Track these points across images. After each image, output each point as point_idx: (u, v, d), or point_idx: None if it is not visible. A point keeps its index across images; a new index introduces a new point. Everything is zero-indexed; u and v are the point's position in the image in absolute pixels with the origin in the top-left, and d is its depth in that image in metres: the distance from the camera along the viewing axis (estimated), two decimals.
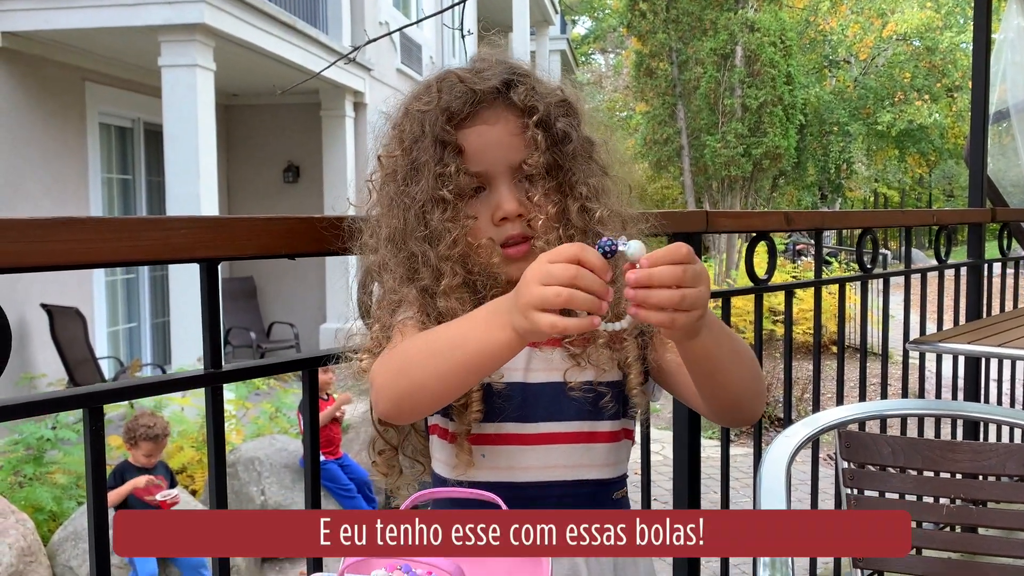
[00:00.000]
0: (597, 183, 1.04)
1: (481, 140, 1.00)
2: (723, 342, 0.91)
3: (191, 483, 5.71)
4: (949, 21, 21.08)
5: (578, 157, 1.03)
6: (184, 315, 6.87)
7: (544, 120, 1.01)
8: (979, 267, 3.14)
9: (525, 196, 1.01)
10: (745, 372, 0.95)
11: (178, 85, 6.68)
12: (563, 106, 1.04)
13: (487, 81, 1.01)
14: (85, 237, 0.83)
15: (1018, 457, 1.67)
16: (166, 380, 1.01)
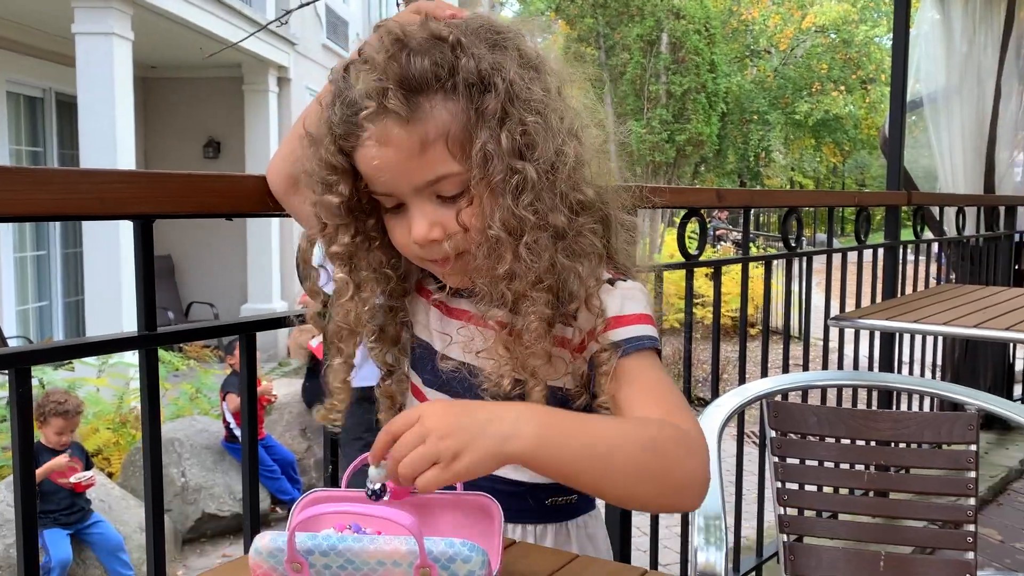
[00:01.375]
0: (543, 166, 0.85)
1: (373, 165, 0.84)
2: (563, 451, 0.76)
3: (107, 465, 5.54)
4: (864, 15, 21.77)
5: (508, 150, 0.83)
6: (99, 293, 6.63)
7: (448, 132, 0.83)
8: (896, 248, 3.27)
9: (444, 213, 0.86)
10: (617, 479, 0.77)
11: (93, 54, 6.41)
12: (484, 87, 0.84)
13: (370, 94, 0.82)
14: (12, 187, 0.79)
15: (934, 425, 1.74)
16: (99, 341, 0.97)
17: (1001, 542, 3.12)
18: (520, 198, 0.84)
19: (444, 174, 0.84)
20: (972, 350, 4.01)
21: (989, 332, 2.29)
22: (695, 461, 0.80)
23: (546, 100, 0.87)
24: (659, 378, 0.88)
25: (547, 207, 0.85)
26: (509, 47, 0.87)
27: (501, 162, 0.83)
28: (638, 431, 0.80)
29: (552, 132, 0.86)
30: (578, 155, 0.88)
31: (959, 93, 4.19)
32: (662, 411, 0.83)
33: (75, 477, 4.10)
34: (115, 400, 6.14)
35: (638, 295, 0.92)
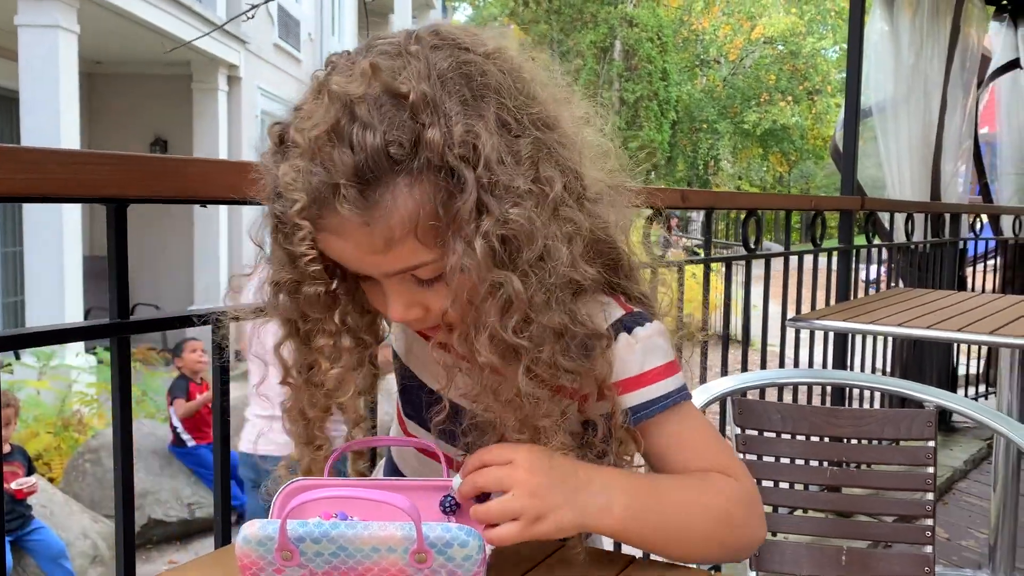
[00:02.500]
0: (533, 260, 0.71)
1: (338, 252, 0.72)
2: (644, 523, 0.75)
3: (48, 471, 5.38)
4: (812, 28, 22.28)
5: (485, 258, 0.69)
6: (41, 293, 6.45)
7: (416, 224, 0.69)
8: (849, 252, 3.34)
9: (423, 294, 0.74)
10: (693, 545, 0.79)
11: (37, 47, 6.23)
12: (454, 171, 0.68)
13: (317, 197, 0.68)
14: None
15: (894, 422, 1.78)
16: (69, 328, 0.94)
17: (948, 540, 3.20)
18: (507, 318, 0.71)
19: (417, 264, 0.71)
20: (919, 353, 4.12)
21: (942, 333, 2.35)
22: (756, 518, 0.81)
23: (535, 163, 0.73)
24: (699, 430, 0.83)
25: (541, 310, 0.72)
26: (488, 94, 0.71)
27: (479, 275, 0.69)
28: (710, 500, 0.79)
29: (544, 211, 0.72)
30: (580, 226, 0.75)
31: (907, 103, 4.30)
32: (715, 466, 0.81)
33: (16, 483, 3.96)
34: (57, 403, 5.97)
35: (658, 341, 0.82)
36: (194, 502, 5.10)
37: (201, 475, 5.27)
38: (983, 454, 4.05)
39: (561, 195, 0.74)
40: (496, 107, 0.71)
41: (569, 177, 0.76)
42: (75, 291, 6.61)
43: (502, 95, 0.71)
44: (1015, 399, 2.58)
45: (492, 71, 0.72)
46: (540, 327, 0.72)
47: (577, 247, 0.75)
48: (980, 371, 5.07)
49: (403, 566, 0.67)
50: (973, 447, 4.11)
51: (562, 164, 0.75)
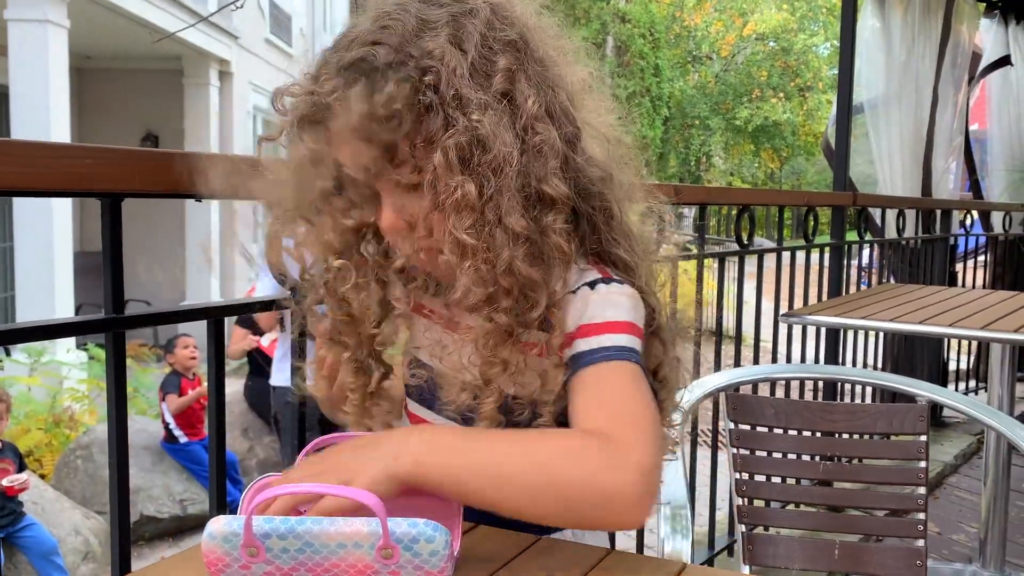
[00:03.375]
0: (492, 169, 0.77)
1: (341, 155, 0.81)
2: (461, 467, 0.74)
3: (39, 467, 5.36)
4: (803, 24, 22.32)
5: (443, 165, 0.77)
6: (32, 289, 6.42)
7: (367, 124, 0.76)
8: (841, 247, 3.35)
9: (412, 201, 0.80)
10: (512, 497, 0.73)
11: (27, 41, 6.20)
12: (427, 81, 0.77)
13: (324, 84, 0.79)
14: None
15: (887, 416, 1.79)
16: (64, 323, 0.93)
17: (939, 534, 3.22)
18: (461, 219, 0.77)
19: (378, 164, 0.79)
20: (910, 348, 4.14)
21: (933, 328, 2.36)
22: (618, 476, 0.72)
23: (510, 84, 0.79)
24: (619, 389, 0.79)
25: (501, 213, 0.77)
26: (470, 20, 0.80)
27: (440, 180, 0.77)
28: (539, 445, 0.75)
29: (510, 123, 0.78)
30: (553, 143, 0.79)
31: (898, 100, 4.31)
32: (605, 422, 0.76)
33: (7, 480, 3.95)
34: (48, 400, 5.95)
35: (619, 300, 0.83)
36: (186, 498, 5.09)
37: (193, 471, 5.26)
38: (973, 449, 4.08)
39: (536, 112, 0.79)
40: (479, 28, 0.79)
41: (551, 104, 0.81)
42: (66, 287, 6.58)
43: (484, 23, 0.79)
44: (1005, 394, 2.60)
45: (482, 5, 0.81)
46: (500, 229, 0.77)
47: (550, 162, 0.79)
48: (970, 366, 5.10)
49: (369, 561, 0.67)
50: (963, 442, 4.13)
51: (544, 90, 0.81)
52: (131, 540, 0.98)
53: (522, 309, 0.79)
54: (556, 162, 0.80)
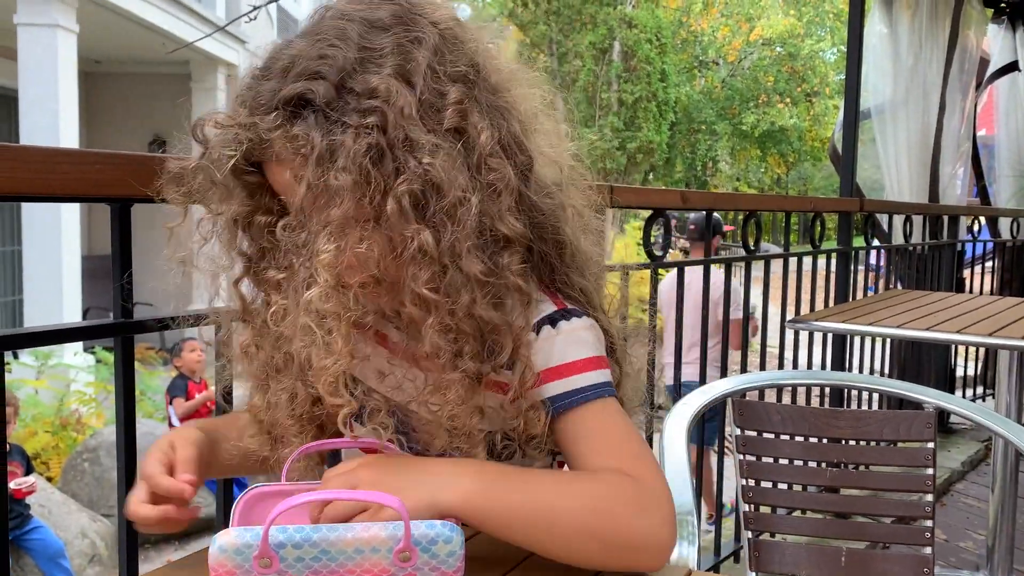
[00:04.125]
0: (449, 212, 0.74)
1: (278, 182, 0.77)
2: (504, 507, 0.73)
3: (46, 470, 5.38)
4: (810, 30, 22.29)
5: (397, 215, 0.72)
6: (39, 292, 6.44)
7: (306, 168, 0.72)
8: (848, 253, 3.34)
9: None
10: (557, 539, 0.74)
11: (36, 46, 6.23)
12: (369, 124, 0.72)
13: (253, 124, 0.74)
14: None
15: (893, 423, 1.78)
16: (73, 328, 0.94)
17: (946, 541, 3.20)
18: (420, 271, 0.73)
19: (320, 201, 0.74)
20: (917, 355, 4.13)
21: (940, 335, 2.35)
22: (651, 520, 0.74)
23: (461, 120, 0.76)
24: (616, 429, 0.80)
25: (459, 259, 0.74)
26: (417, 49, 0.75)
27: (393, 231, 0.73)
28: (583, 487, 0.76)
29: (461, 162, 0.75)
30: (507, 180, 0.77)
31: (905, 106, 4.30)
32: (619, 463, 0.77)
33: (15, 483, 3.96)
34: (55, 403, 5.97)
35: (583, 335, 0.82)
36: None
37: None
38: (981, 455, 4.06)
39: (491, 148, 0.76)
40: (427, 58, 0.74)
41: (504, 136, 0.78)
42: (73, 290, 6.60)
43: (432, 52, 0.75)
44: (1013, 401, 2.59)
45: (430, 32, 0.76)
46: (459, 275, 0.74)
47: (505, 200, 0.76)
48: (978, 373, 5.08)
49: (386, 565, 0.66)
50: (971, 448, 4.11)
51: (496, 121, 0.78)
52: (138, 543, 0.98)
53: (488, 354, 0.77)
54: (511, 199, 0.78)
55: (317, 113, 0.72)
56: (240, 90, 0.77)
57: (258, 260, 0.80)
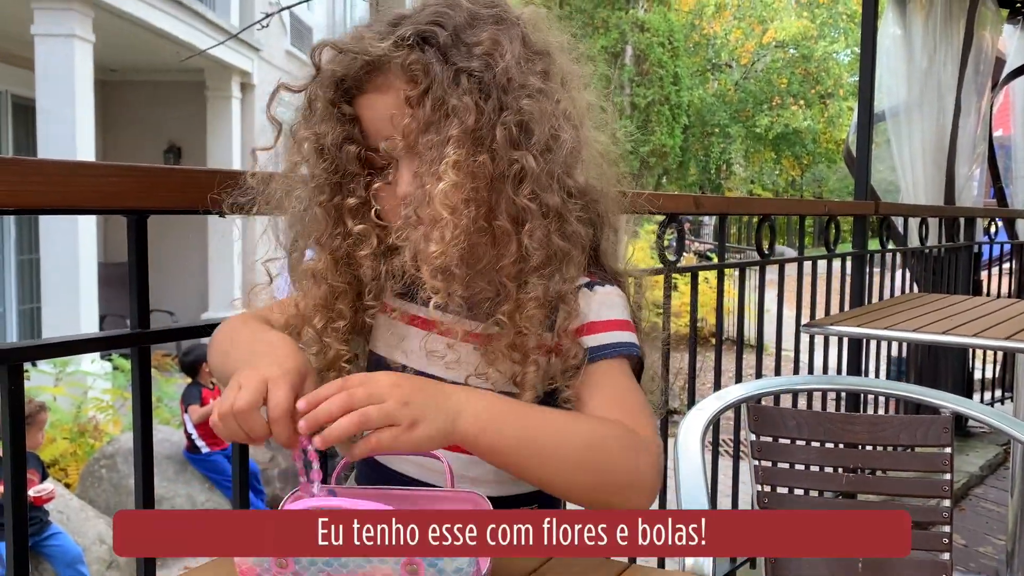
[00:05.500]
0: (495, 166, 0.84)
1: (372, 112, 0.86)
2: (507, 438, 0.78)
3: (64, 476, 5.42)
4: (823, 31, 22.20)
5: (461, 135, 0.82)
6: (57, 300, 6.50)
7: (430, 90, 0.83)
8: (863, 256, 3.32)
9: (428, 168, 0.84)
10: (557, 470, 0.79)
11: (53, 56, 6.29)
12: (478, 65, 0.84)
13: (376, 44, 0.84)
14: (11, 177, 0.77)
15: (910, 428, 1.77)
16: (91, 338, 0.95)
17: (965, 546, 3.18)
18: (520, 188, 0.84)
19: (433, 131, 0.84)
20: (934, 358, 4.10)
21: (957, 339, 2.34)
22: (641, 462, 0.81)
23: (544, 83, 0.88)
24: (626, 385, 0.88)
25: (543, 189, 0.85)
26: (516, 25, 0.89)
27: (500, 155, 0.83)
28: (585, 426, 0.82)
29: (547, 116, 0.87)
30: (573, 142, 0.89)
31: (920, 108, 4.28)
32: (621, 414, 0.84)
33: (33, 491, 3.99)
34: (72, 410, 6.01)
35: (616, 300, 0.91)
36: (209, 508, 5.12)
37: (216, 481, 5.29)
38: (1000, 459, 4.03)
39: (564, 112, 0.89)
40: (519, 33, 0.89)
41: (570, 111, 0.90)
42: (90, 298, 6.66)
43: (525, 36, 0.89)
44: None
45: (516, 17, 0.91)
46: (548, 201, 0.85)
47: (572, 158, 0.89)
48: (996, 375, 5.04)
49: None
50: (990, 452, 4.08)
51: (565, 99, 0.90)
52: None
53: (561, 278, 0.87)
54: (575, 159, 0.89)
55: (436, 50, 0.83)
56: (356, 28, 0.90)
57: (338, 189, 0.88)
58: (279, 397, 0.73)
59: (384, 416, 0.72)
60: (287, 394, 0.73)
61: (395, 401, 0.72)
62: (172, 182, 0.92)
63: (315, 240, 0.90)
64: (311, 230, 0.90)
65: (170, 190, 0.92)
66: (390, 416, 0.72)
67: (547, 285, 0.86)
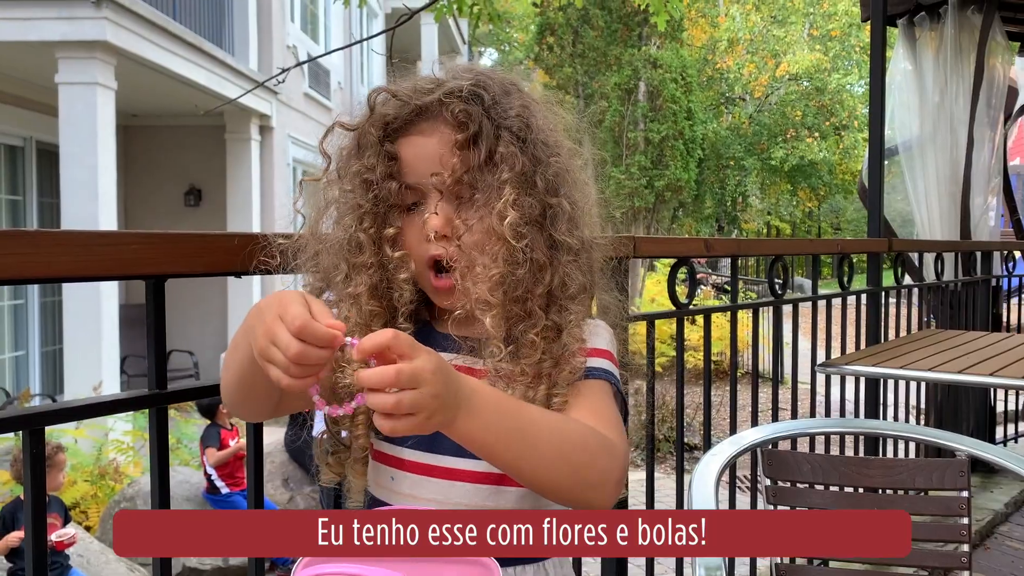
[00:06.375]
0: (538, 207, 0.96)
1: (414, 151, 0.97)
2: (494, 431, 0.83)
3: (85, 519, 5.44)
4: (836, 64, 22.26)
5: (516, 179, 0.95)
6: (78, 342, 6.57)
7: (477, 138, 0.95)
8: (878, 294, 3.32)
9: (456, 215, 0.96)
10: (538, 463, 0.85)
11: (76, 103, 6.43)
12: (516, 124, 0.97)
13: (427, 94, 0.96)
14: (34, 250, 0.80)
15: (925, 472, 1.76)
16: (111, 400, 0.97)
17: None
18: (556, 226, 0.98)
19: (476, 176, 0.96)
20: (955, 393, 4.06)
21: (973, 378, 2.32)
22: (613, 464, 0.90)
23: (562, 147, 1.03)
24: (607, 403, 0.98)
25: (572, 230, 1.00)
26: (533, 102, 1.03)
27: (541, 199, 0.97)
28: (570, 425, 0.90)
29: (570, 173, 1.02)
30: (575, 202, 1.02)
31: (933, 141, 4.29)
32: (597, 423, 0.93)
33: (55, 535, 4.01)
34: (93, 452, 6.05)
35: (602, 332, 1.05)
36: None
37: None
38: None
39: (572, 178, 1.03)
40: (540, 113, 1.03)
41: (575, 175, 1.04)
42: (112, 339, 6.73)
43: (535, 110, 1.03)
44: None
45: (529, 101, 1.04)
46: (575, 239, 1.00)
47: (578, 216, 1.03)
48: (1020, 408, 4.97)
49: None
50: (1014, 489, 4.02)
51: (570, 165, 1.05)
52: (268, 555, 1.00)
53: (581, 307, 1.00)
54: (586, 211, 1.05)
55: (481, 107, 0.96)
56: (405, 80, 1.02)
57: (380, 219, 0.97)
58: (298, 310, 0.76)
59: (413, 406, 0.75)
60: (304, 309, 0.76)
61: (430, 389, 0.75)
62: (187, 248, 0.95)
63: (358, 266, 0.97)
64: (353, 257, 0.97)
65: (186, 256, 0.95)
66: (418, 406, 0.75)
67: (576, 312, 0.99)
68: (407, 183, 0.97)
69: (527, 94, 1.02)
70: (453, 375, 0.79)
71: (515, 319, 0.96)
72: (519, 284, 0.95)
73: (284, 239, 1.02)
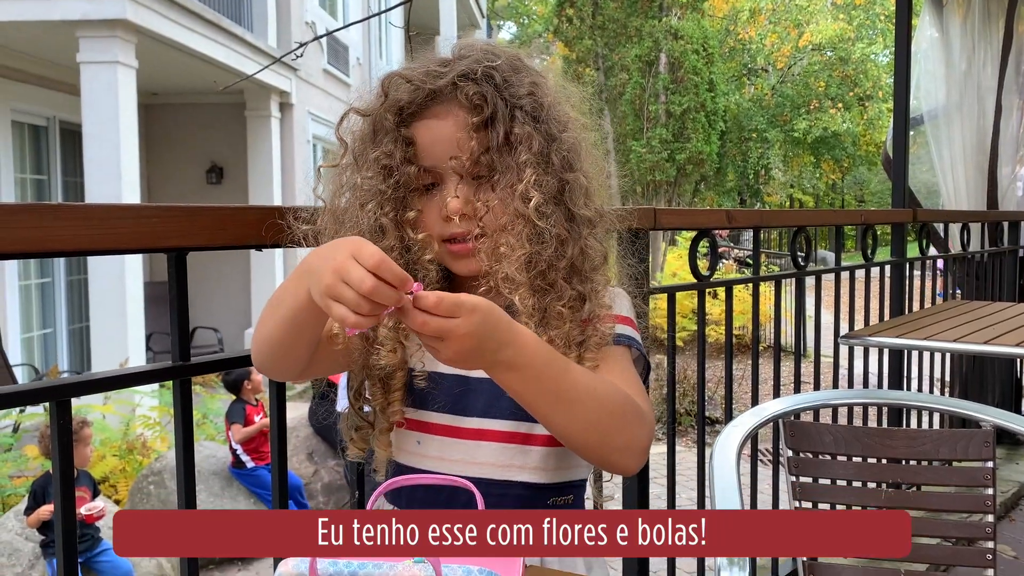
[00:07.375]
0: (557, 184, 0.98)
1: (430, 134, 0.97)
2: (535, 386, 0.86)
3: (114, 493, 5.54)
4: (861, 33, 21.91)
5: (534, 159, 0.97)
6: (105, 319, 6.65)
7: (492, 119, 0.96)
8: (902, 265, 3.28)
9: (475, 195, 0.98)
10: (572, 421, 0.89)
11: (98, 82, 6.47)
12: (529, 103, 0.98)
13: (440, 78, 0.97)
14: (51, 224, 0.80)
15: (950, 442, 1.75)
16: (135, 372, 0.98)
17: (1015, 558, 3.11)
18: (575, 200, 1.00)
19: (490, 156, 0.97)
20: (980, 365, 4.02)
21: (999, 348, 2.30)
22: (642, 431, 0.93)
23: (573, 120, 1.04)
24: (632, 369, 1.02)
25: (589, 202, 1.02)
26: (540, 76, 1.03)
27: (559, 175, 0.99)
28: (609, 386, 0.92)
29: (582, 146, 1.03)
30: (587, 172, 1.04)
31: (959, 110, 4.22)
32: (628, 390, 0.95)
33: (84, 508, 4.08)
34: (121, 427, 6.15)
35: (623, 299, 1.08)
36: None
37: (261, 495, 5.37)
38: None
39: (584, 151, 1.04)
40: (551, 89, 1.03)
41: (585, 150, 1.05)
42: (137, 316, 6.81)
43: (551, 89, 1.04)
44: None
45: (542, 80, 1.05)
46: (592, 211, 1.02)
47: (591, 186, 1.03)
48: None
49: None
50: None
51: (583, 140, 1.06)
52: (201, 563, 1.02)
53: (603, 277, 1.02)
54: (592, 189, 1.04)
55: (493, 87, 0.97)
56: (416, 63, 1.01)
57: (401, 203, 0.98)
58: (375, 248, 0.78)
59: (440, 331, 0.78)
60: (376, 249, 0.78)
61: (463, 324, 0.79)
62: (207, 220, 0.96)
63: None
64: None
65: (206, 228, 0.96)
66: (445, 332, 0.78)
67: (598, 280, 1.01)
68: (424, 166, 0.98)
69: (533, 69, 1.03)
70: (503, 327, 0.82)
71: (540, 292, 0.97)
72: (543, 260, 0.97)
73: (305, 222, 1.03)
